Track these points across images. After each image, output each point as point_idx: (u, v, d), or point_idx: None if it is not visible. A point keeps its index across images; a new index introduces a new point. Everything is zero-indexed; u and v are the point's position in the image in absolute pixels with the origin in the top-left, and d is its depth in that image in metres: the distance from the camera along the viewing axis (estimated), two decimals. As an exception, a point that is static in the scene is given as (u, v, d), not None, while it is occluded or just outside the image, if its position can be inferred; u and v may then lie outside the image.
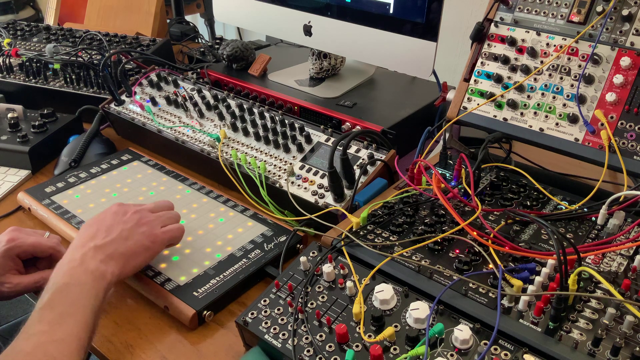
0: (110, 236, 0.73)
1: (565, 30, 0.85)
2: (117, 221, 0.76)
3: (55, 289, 0.66)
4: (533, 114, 0.86)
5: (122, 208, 0.78)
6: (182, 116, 1.10)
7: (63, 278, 0.67)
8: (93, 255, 0.70)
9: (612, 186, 0.93)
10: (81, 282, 0.67)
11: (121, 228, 0.75)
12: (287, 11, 1.17)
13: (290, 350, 0.61)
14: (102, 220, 0.76)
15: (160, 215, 0.80)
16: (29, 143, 1.10)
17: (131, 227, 0.75)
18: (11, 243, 0.79)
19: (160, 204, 0.84)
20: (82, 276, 0.68)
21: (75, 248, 0.72)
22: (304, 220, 0.86)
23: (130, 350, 0.71)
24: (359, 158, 0.91)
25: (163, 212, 0.82)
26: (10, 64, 1.32)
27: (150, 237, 0.76)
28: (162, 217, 0.80)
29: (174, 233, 0.79)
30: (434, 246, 0.71)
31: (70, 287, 0.66)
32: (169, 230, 0.79)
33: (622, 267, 0.68)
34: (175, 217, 0.82)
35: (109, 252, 0.72)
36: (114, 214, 0.77)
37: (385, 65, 1.10)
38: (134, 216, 0.77)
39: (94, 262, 0.70)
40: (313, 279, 0.70)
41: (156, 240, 0.77)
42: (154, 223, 0.78)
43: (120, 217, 0.76)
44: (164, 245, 0.78)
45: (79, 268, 0.69)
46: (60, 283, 0.66)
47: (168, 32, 1.75)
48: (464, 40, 1.01)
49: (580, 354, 0.56)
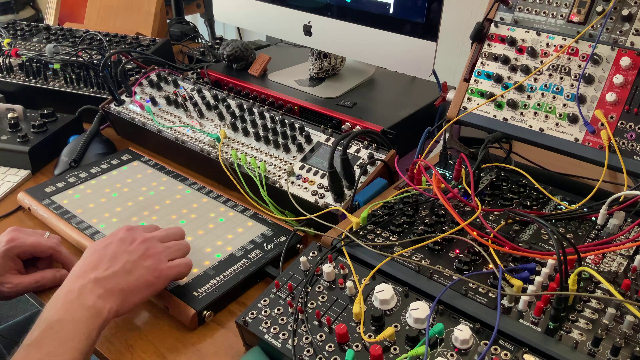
0: (113, 268, 0.69)
1: (565, 30, 0.85)
2: (123, 250, 0.71)
3: (46, 325, 0.62)
4: (533, 114, 0.86)
5: (130, 235, 0.74)
6: (182, 116, 1.10)
7: (57, 313, 0.63)
8: (92, 288, 0.66)
9: (612, 186, 0.93)
10: (75, 319, 0.63)
11: (125, 259, 0.70)
12: (287, 11, 1.17)
13: (290, 350, 0.61)
14: (107, 247, 0.72)
15: (169, 246, 0.75)
16: (29, 143, 1.10)
17: (136, 259, 0.71)
18: (11, 243, 0.78)
19: (171, 231, 0.79)
20: (78, 312, 0.64)
21: (75, 277, 0.68)
22: (304, 220, 0.86)
23: (130, 350, 0.71)
24: (359, 158, 0.91)
25: (173, 243, 0.76)
26: (10, 64, 1.32)
27: (155, 273, 0.71)
28: (170, 249, 0.75)
29: (181, 269, 0.74)
30: (434, 246, 0.72)
31: (63, 323, 0.63)
32: (175, 265, 0.74)
33: (622, 267, 0.68)
34: (185, 250, 0.77)
35: (109, 287, 0.67)
36: (120, 241, 0.72)
37: (385, 65, 1.10)
38: (140, 246, 0.72)
39: (92, 296, 0.66)
40: (313, 279, 0.70)
41: (161, 276, 0.72)
42: (161, 256, 0.73)
43: (127, 247, 0.72)
44: (169, 281, 0.74)
45: (75, 302, 0.65)
46: (52, 319, 0.63)
47: (168, 32, 1.75)
48: (464, 40, 1.01)
49: (580, 354, 0.56)
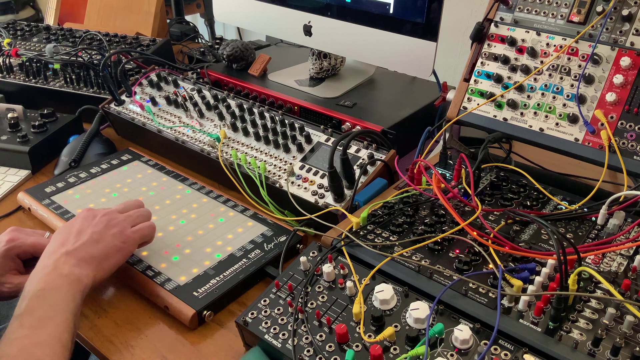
0: (80, 240, 0.73)
1: (565, 30, 0.85)
2: (87, 225, 0.76)
3: (31, 295, 0.66)
4: (533, 114, 0.86)
5: (90, 212, 0.78)
6: (182, 116, 1.10)
7: (38, 284, 0.67)
8: (65, 260, 0.70)
9: (612, 186, 0.93)
10: (57, 286, 0.67)
11: (91, 231, 0.75)
12: (287, 11, 1.17)
13: (290, 350, 0.61)
14: (72, 225, 0.76)
15: (129, 214, 0.81)
16: (29, 143, 1.10)
17: (101, 229, 0.75)
18: (11, 243, 0.79)
19: (129, 203, 0.84)
20: (57, 281, 0.68)
21: (46, 255, 0.72)
22: (304, 220, 0.86)
23: (130, 350, 0.71)
24: (359, 158, 0.91)
25: (133, 211, 0.82)
26: (10, 64, 1.32)
27: (121, 238, 0.76)
28: (131, 217, 0.80)
29: (145, 231, 0.80)
30: (434, 246, 0.72)
31: (47, 292, 0.66)
32: (139, 229, 0.79)
33: (622, 267, 0.68)
34: (145, 215, 0.83)
35: (81, 256, 0.72)
36: (83, 218, 0.77)
37: (385, 65, 1.10)
38: (103, 219, 0.77)
39: (67, 266, 0.70)
40: (313, 279, 0.70)
41: (127, 240, 0.77)
42: (124, 223, 0.78)
43: (90, 221, 0.77)
44: (136, 244, 0.79)
45: (53, 273, 0.69)
46: (36, 289, 0.66)
47: (168, 32, 1.75)
48: (464, 40, 1.01)
49: (580, 354, 0.56)
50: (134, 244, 0.78)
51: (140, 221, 0.81)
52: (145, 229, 0.80)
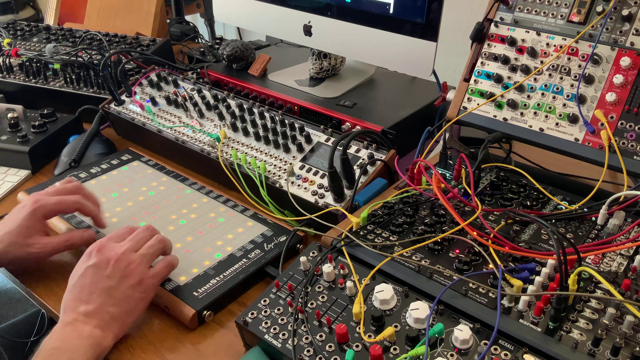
0: (99, 298, 0.68)
1: (565, 30, 0.85)
2: (101, 277, 0.69)
3: (45, 353, 0.63)
4: (533, 114, 0.86)
5: (102, 257, 0.71)
6: (182, 116, 1.10)
7: (55, 342, 0.64)
8: (85, 320, 0.67)
9: (612, 186, 0.93)
10: (73, 348, 0.64)
11: (107, 286, 0.69)
12: (287, 11, 1.17)
13: (290, 350, 0.61)
14: (84, 277, 0.70)
15: (144, 254, 0.73)
16: (29, 143, 1.10)
17: (117, 282, 0.69)
18: (36, 204, 0.79)
19: (140, 235, 0.76)
20: (75, 341, 0.64)
21: (65, 310, 0.69)
22: (304, 220, 0.86)
23: (130, 350, 0.71)
24: (359, 158, 0.91)
25: (146, 247, 0.74)
26: (10, 64, 1.32)
27: (141, 288, 0.71)
28: (147, 256, 0.73)
29: (164, 273, 0.75)
30: (434, 246, 0.72)
31: (62, 352, 0.63)
32: (158, 272, 0.74)
33: (622, 267, 0.68)
34: (159, 246, 0.76)
35: (102, 317, 0.68)
36: (94, 267, 0.70)
37: (385, 65, 1.10)
38: (117, 266, 0.70)
39: (88, 327, 0.66)
40: (313, 279, 0.70)
41: (147, 288, 0.72)
42: (141, 268, 0.72)
43: (103, 272, 0.70)
44: (156, 288, 0.74)
45: (72, 333, 0.65)
46: (51, 347, 0.64)
47: (168, 32, 1.75)
48: (464, 40, 1.01)
49: (580, 354, 0.56)
50: (154, 290, 0.73)
51: (156, 256, 0.75)
52: (164, 269, 0.74)
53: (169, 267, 0.76)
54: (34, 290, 0.81)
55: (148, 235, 0.76)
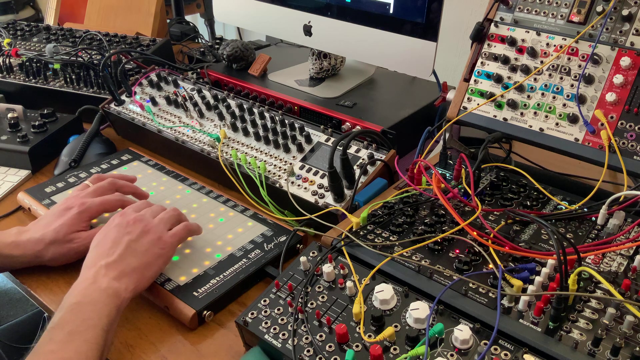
0: (118, 251, 0.72)
1: (565, 30, 0.85)
2: (123, 233, 0.74)
3: (66, 308, 0.65)
4: (533, 114, 0.86)
5: (123, 218, 0.77)
6: (182, 116, 1.10)
7: (75, 297, 0.67)
8: (105, 273, 0.69)
9: (612, 186, 0.93)
10: (93, 300, 0.66)
11: (128, 239, 0.73)
12: (287, 11, 1.17)
13: (290, 350, 0.61)
14: (106, 235, 0.75)
15: (162, 218, 0.79)
16: (29, 143, 1.10)
17: (137, 237, 0.74)
18: (82, 207, 0.82)
19: (158, 207, 0.83)
20: (94, 294, 0.67)
21: (87, 268, 0.71)
22: (304, 220, 0.86)
23: (130, 350, 0.71)
24: (359, 158, 0.91)
25: (164, 213, 0.81)
26: (10, 64, 1.32)
27: (160, 244, 0.75)
28: (164, 219, 0.79)
29: (182, 234, 0.79)
30: (434, 246, 0.72)
31: (82, 305, 0.65)
32: (176, 232, 0.78)
33: (622, 267, 0.68)
34: (176, 216, 0.82)
35: (121, 269, 0.70)
36: (117, 226, 0.76)
37: (385, 65, 1.10)
38: (137, 225, 0.76)
39: (107, 279, 0.69)
40: (313, 279, 0.70)
41: (166, 245, 0.76)
42: (160, 227, 0.77)
43: (124, 229, 0.75)
44: (175, 248, 0.78)
45: (91, 287, 0.68)
46: (72, 302, 0.66)
47: (168, 32, 1.75)
48: (464, 40, 1.01)
49: (580, 354, 0.56)
50: (173, 249, 0.77)
51: (173, 222, 0.80)
52: (182, 231, 0.79)
53: (186, 230, 0.80)
54: (34, 290, 0.81)
55: (164, 208, 0.83)
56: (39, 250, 0.80)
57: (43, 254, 0.80)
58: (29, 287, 0.82)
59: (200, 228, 0.84)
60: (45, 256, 0.80)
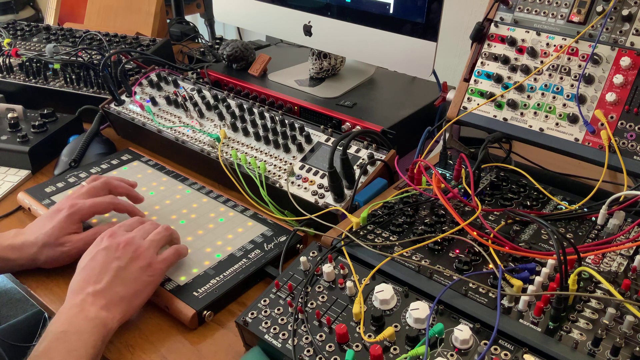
0: (107, 278, 0.70)
1: (565, 30, 0.85)
2: (111, 258, 0.72)
3: (52, 337, 0.64)
4: (533, 114, 0.86)
5: (112, 241, 0.74)
6: (182, 116, 1.10)
7: (62, 326, 0.65)
8: (93, 301, 0.68)
9: (612, 186, 0.93)
10: (80, 330, 0.65)
11: (116, 266, 0.71)
12: (287, 11, 1.17)
13: (290, 350, 0.61)
14: (95, 258, 0.73)
15: (153, 239, 0.76)
16: (29, 143, 1.10)
17: (126, 264, 0.72)
18: (72, 209, 0.81)
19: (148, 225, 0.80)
20: (82, 324, 0.65)
21: (74, 293, 0.69)
22: (304, 220, 0.86)
23: (130, 350, 0.71)
24: (359, 158, 0.91)
25: (154, 234, 0.77)
26: (10, 64, 1.32)
27: (149, 271, 0.73)
28: (155, 241, 0.76)
29: (171, 259, 0.77)
30: (434, 246, 0.72)
31: (68, 335, 0.64)
32: (165, 258, 0.76)
33: (622, 267, 0.68)
34: (166, 235, 0.79)
35: (109, 298, 0.69)
36: (105, 249, 0.73)
37: (385, 65, 1.10)
38: (127, 249, 0.73)
39: (94, 309, 0.67)
40: (313, 279, 0.70)
41: (155, 272, 0.74)
42: (150, 252, 0.74)
43: (113, 253, 0.72)
44: (164, 274, 0.76)
45: (79, 315, 0.66)
46: (58, 331, 0.64)
47: (168, 32, 1.75)
48: (464, 40, 1.01)
49: (580, 354, 0.56)
50: (162, 275, 0.75)
51: (164, 243, 0.78)
52: (172, 256, 0.77)
53: (176, 255, 0.78)
54: (34, 290, 0.81)
55: (156, 226, 0.80)
56: (33, 253, 0.80)
57: (37, 257, 0.80)
58: (29, 287, 0.82)
59: (187, 250, 0.81)
60: (39, 259, 0.80)
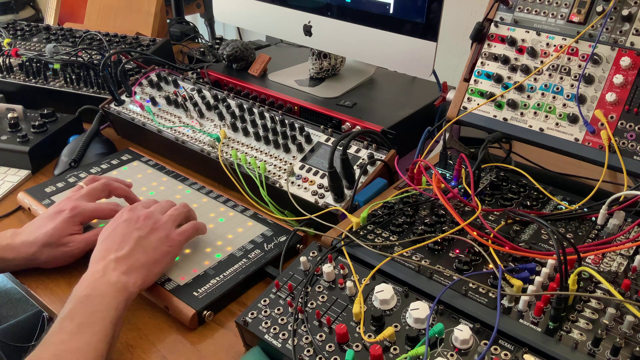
0: (128, 246, 0.73)
1: (565, 30, 0.85)
2: (132, 229, 0.75)
3: (76, 300, 0.66)
4: (533, 114, 0.86)
5: (133, 214, 0.78)
6: (182, 116, 1.10)
7: (85, 290, 0.68)
8: (114, 267, 0.71)
9: (612, 186, 0.93)
10: (102, 293, 0.67)
11: (137, 236, 0.74)
12: (287, 11, 1.17)
13: (290, 350, 0.61)
14: (116, 229, 0.76)
15: (171, 214, 0.80)
16: (29, 143, 1.10)
17: (147, 234, 0.75)
18: (74, 211, 0.82)
19: (165, 203, 0.83)
20: (103, 288, 0.68)
21: (96, 261, 0.72)
22: (304, 220, 0.86)
23: (130, 350, 0.71)
24: (359, 158, 0.91)
25: (172, 210, 0.81)
26: (10, 64, 1.32)
27: (168, 242, 0.76)
28: (173, 216, 0.80)
29: (189, 232, 0.80)
30: (434, 246, 0.72)
31: (91, 298, 0.67)
32: (184, 231, 0.79)
33: (622, 267, 0.68)
34: (185, 213, 0.82)
35: (130, 263, 0.72)
36: (126, 221, 0.77)
37: (385, 65, 1.10)
38: (146, 221, 0.77)
39: (116, 273, 0.70)
40: (313, 279, 0.70)
41: (174, 243, 0.77)
42: (168, 225, 0.78)
43: (134, 224, 0.76)
44: (182, 246, 0.79)
45: (100, 280, 0.69)
46: (81, 294, 0.67)
47: (168, 32, 1.75)
48: (464, 40, 1.01)
49: (580, 354, 0.56)
50: (180, 247, 0.78)
51: (181, 219, 0.81)
52: (190, 230, 0.80)
53: (194, 229, 0.81)
54: (34, 290, 0.81)
55: (173, 204, 0.84)
56: (32, 253, 0.80)
57: (37, 256, 0.80)
58: (28, 287, 0.82)
59: (205, 228, 0.84)
60: (39, 258, 0.81)
